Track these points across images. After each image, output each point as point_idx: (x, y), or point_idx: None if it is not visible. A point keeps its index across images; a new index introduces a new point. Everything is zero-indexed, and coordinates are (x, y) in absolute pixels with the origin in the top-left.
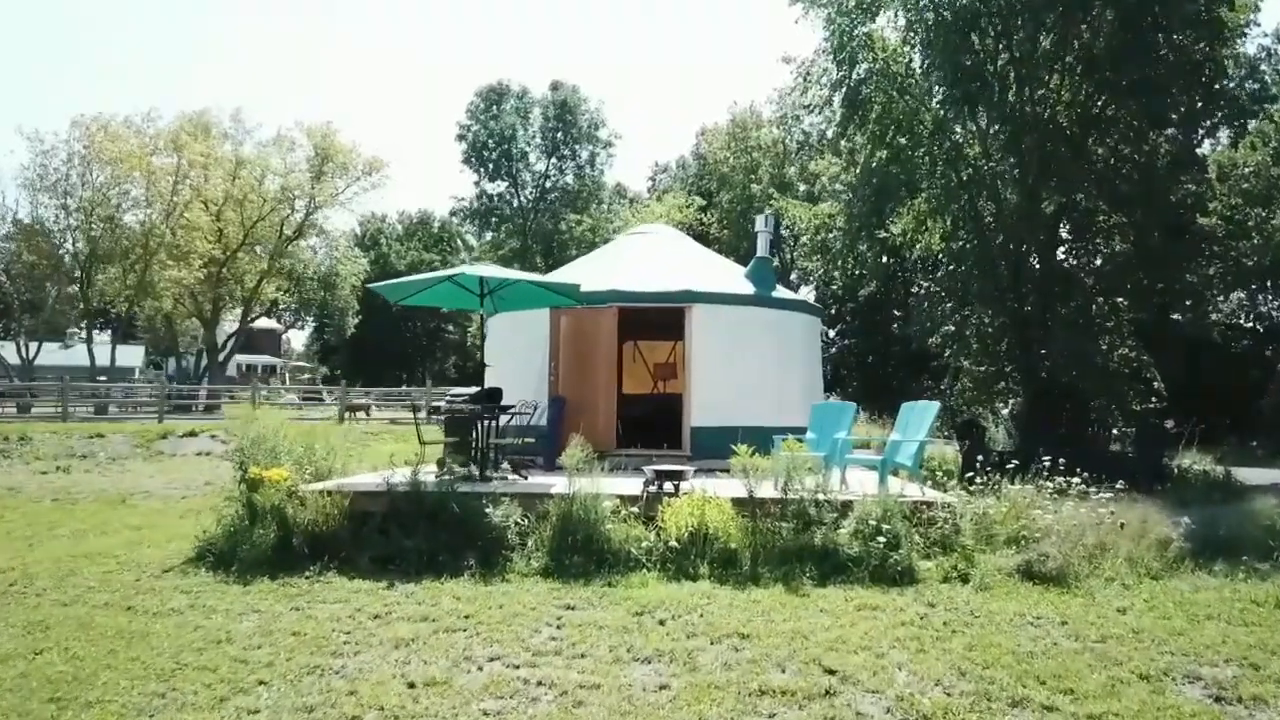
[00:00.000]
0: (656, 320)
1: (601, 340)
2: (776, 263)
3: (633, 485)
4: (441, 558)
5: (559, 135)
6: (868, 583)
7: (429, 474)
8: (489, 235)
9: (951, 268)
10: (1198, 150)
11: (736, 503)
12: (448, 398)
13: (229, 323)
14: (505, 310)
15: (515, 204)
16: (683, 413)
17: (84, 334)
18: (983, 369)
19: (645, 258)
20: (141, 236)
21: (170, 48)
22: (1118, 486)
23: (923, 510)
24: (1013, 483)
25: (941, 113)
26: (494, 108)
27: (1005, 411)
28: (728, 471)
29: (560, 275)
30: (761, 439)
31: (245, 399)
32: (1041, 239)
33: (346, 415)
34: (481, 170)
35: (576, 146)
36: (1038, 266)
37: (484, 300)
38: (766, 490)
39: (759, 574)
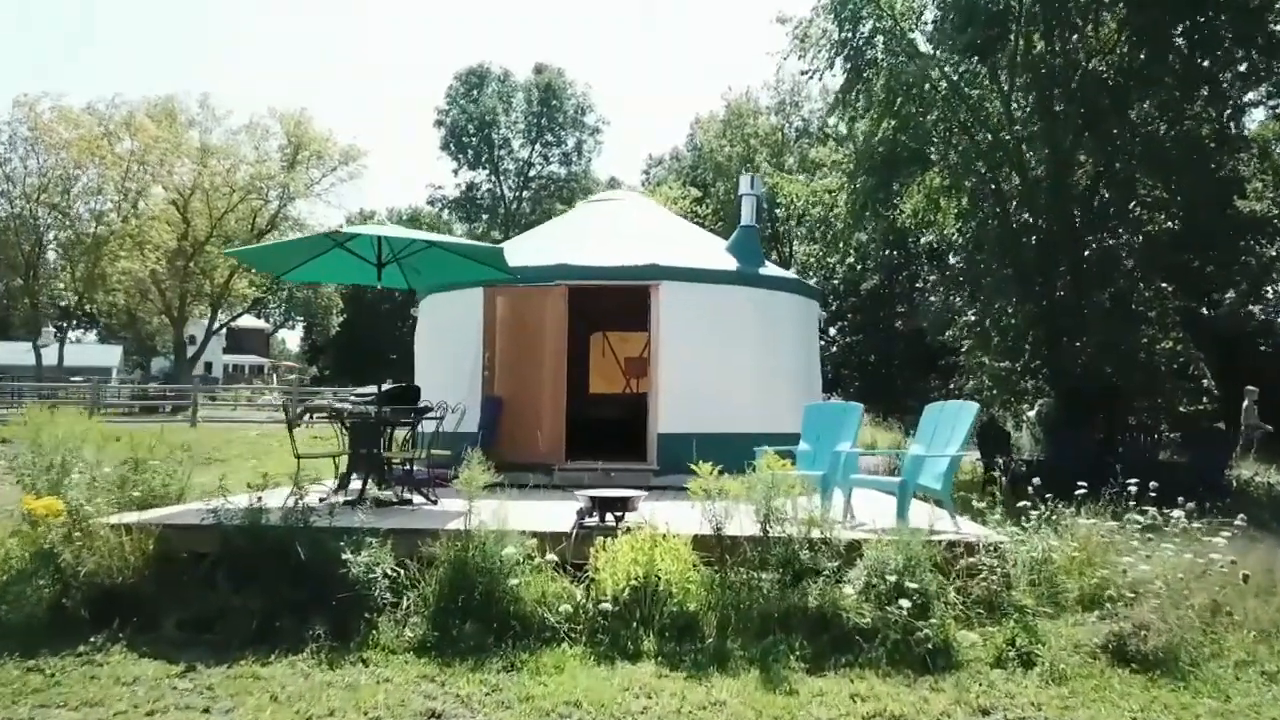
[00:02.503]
0: (625, 305)
1: (548, 327)
2: (774, 249)
3: (566, 516)
4: (281, 622)
5: (543, 121)
6: (884, 666)
7: (321, 495)
8: (468, 227)
9: (970, 250)
10: (1244, 120)
11: (700, 543)
12: (352, 398)
13: (206, 321)
14: (423, 286)
15: (497, 193)
16: (648, 416)
17: (56, 332)
18: (1005, 365)
19: (605, 228)
20: (90, 224)
21: (139, 34)
22: (1188, 507)
23: (960, 555)
24: (1071, 508)
25: (957, 71)
26: (474, 92)
27: (1031, 414)
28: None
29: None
30: (744, 449)
31: (220, 401)
32: (1076, 214)
33: (306, 419)
34: (460, 157)
35: (562, 133)
36: (1068, 246)
37: (381, 271)
38: (741, 524)
39: (727, 651)
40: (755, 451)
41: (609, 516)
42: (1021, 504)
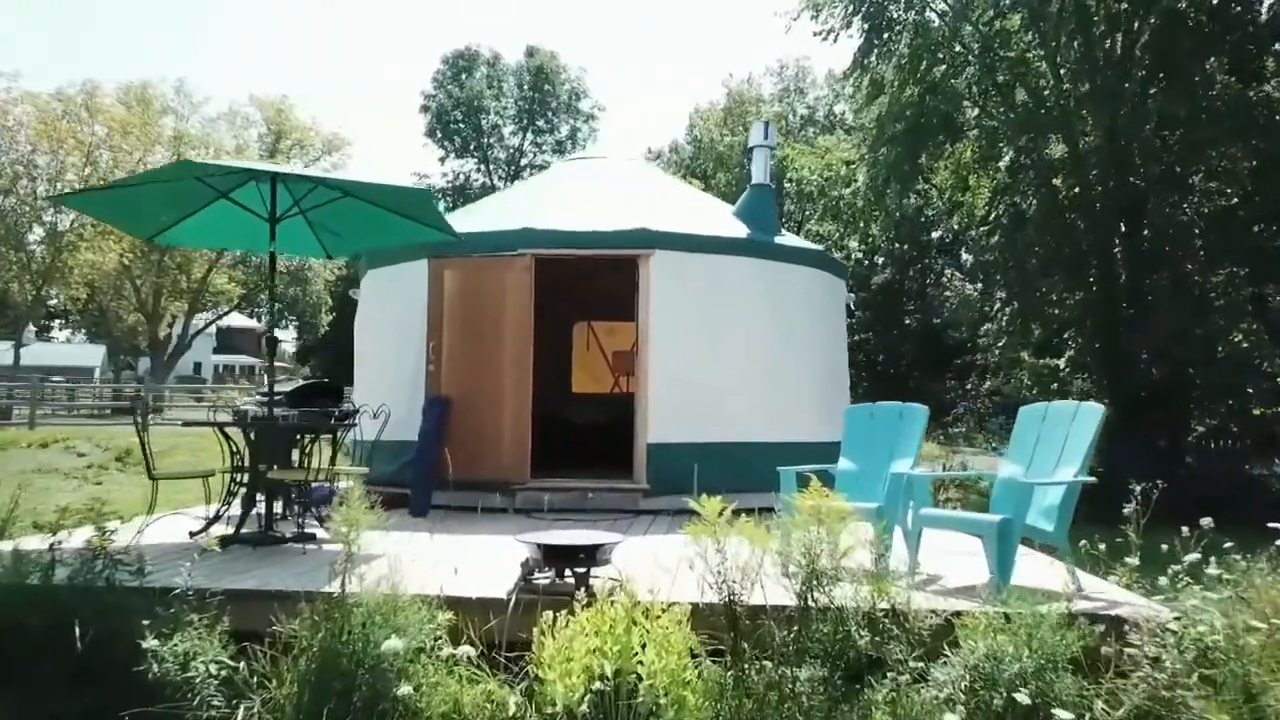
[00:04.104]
0: (613, 290)
1: (509, 308)
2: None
3: (510, 565)
4: None
5: (535, 107)
6: None
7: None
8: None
9: (1008, 229)
10: None
11: (703, 618)
12: (256, 396)
13: (198, 320)
14: (345, 253)
15: (486, 183)
16: (635, 422)
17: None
18: (1048, 362)
19: (585, 189)
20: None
21: (114, 21)
22: None
23: (1105, 636)
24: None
25: (992, 27)
26: (462, 76)
27: None
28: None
29: (466, 216)
30: (756, 462)
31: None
32: (1139, 183)
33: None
34: (447, 145)
35: (555, 119)
36: (1127, 223)
37: (275, 228)
38: (764, 588)
39: None
40: (781, 475)
41: (568, 573)
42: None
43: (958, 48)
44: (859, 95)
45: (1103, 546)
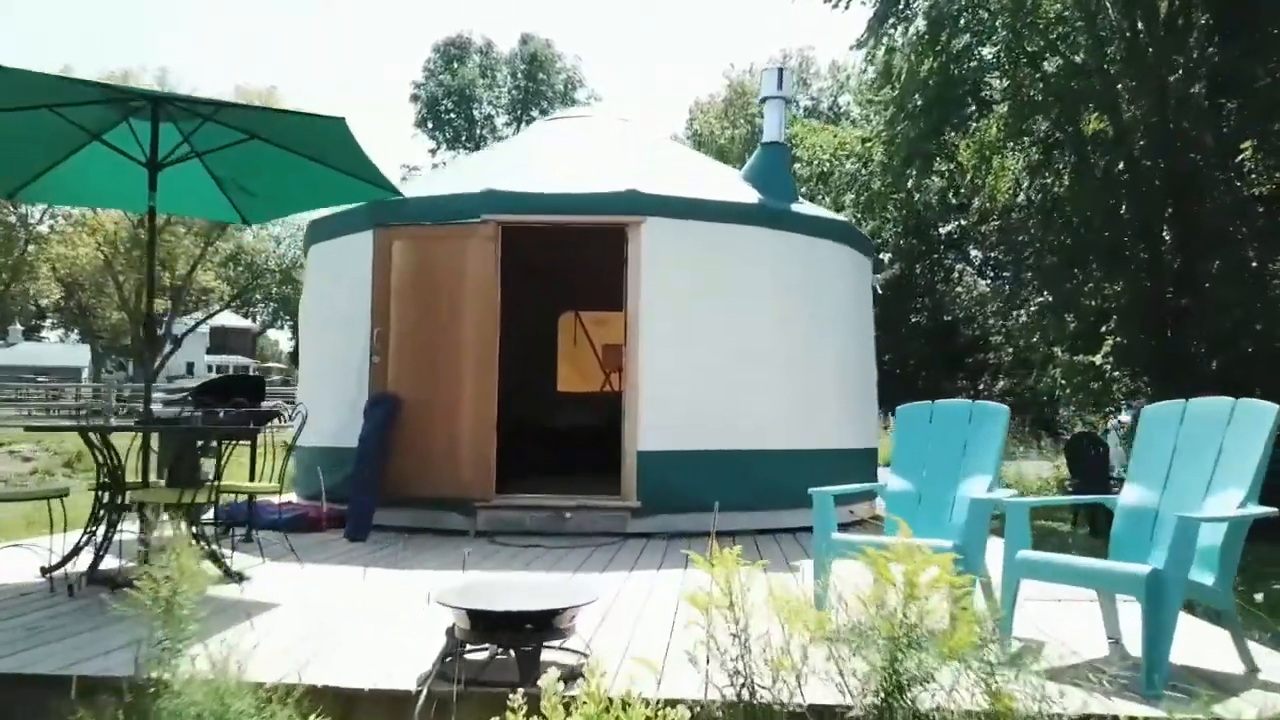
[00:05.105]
0: (603, 275)
1: (469, 287)
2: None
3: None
4: None
5: (529, 96)
6: None
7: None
8: None
9: (1046, 208)
10: None
11: None
12: (160, 394)
13: (189, 319)
14: (264, 219)
15: None
16: (623, 426)
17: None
18: (1084, 359)
19: (565, 149)
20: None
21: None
22: None
23: None
24: None
25: None
26: (454, 64)
27: (1123, 419)
28: (705, 551)
29: (424, 184)
30: (768, 474)
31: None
32: (1197, 159)
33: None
34: (438, 135)
35: (550, 109)
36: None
37: (156, 182)
38: (799, 676)
39: None
40: (815, 500)
41: (511, 653)
42: None
43: (983, 14)
44: (875, 63)
45: (1259, 598)
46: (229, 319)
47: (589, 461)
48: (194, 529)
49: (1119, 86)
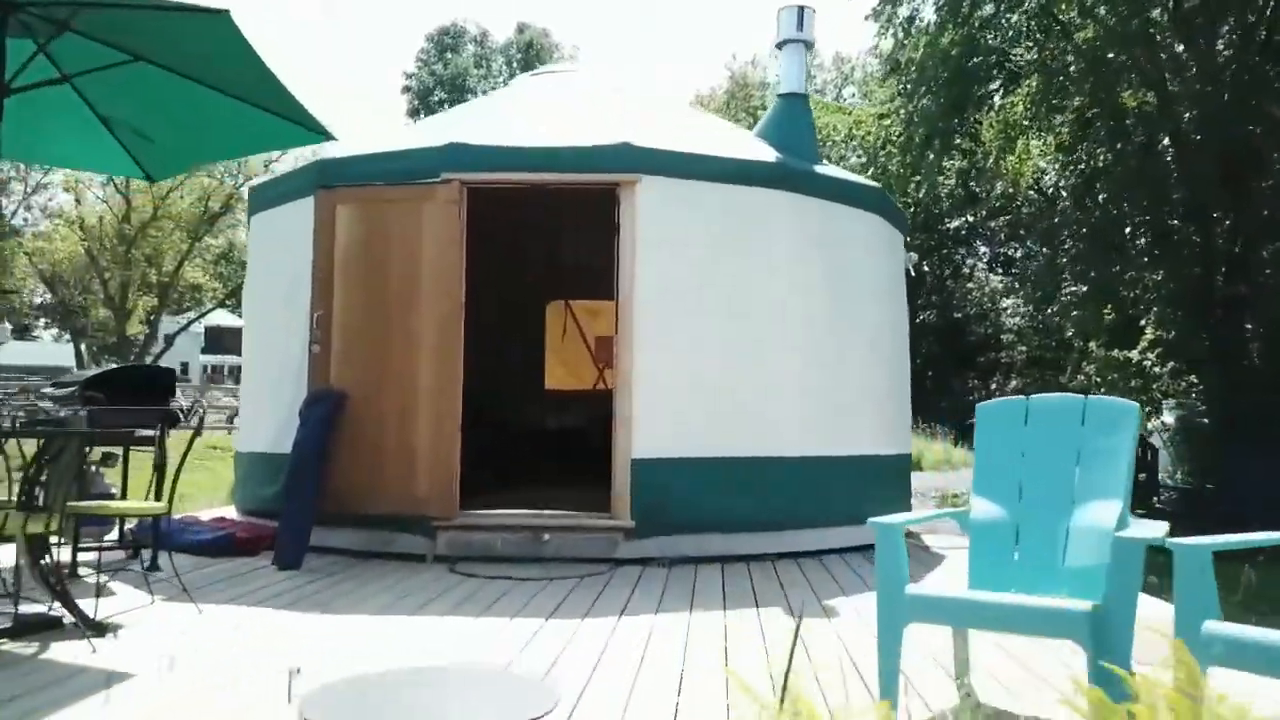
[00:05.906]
0: (595, 259)
1: (427, 260)
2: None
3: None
4: None
5: None
6: None
7: None
8: None
9: (1082, 189)
10: None
11: None
12: (46, 390)
13: (181, 319)
14: (169, 174)
15: None
16: (614, 428)
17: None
18: (1122, 353)
19: (547, 103)
20: None
21: None
22: None
23: None
24: None
25: None
26: (447, 53)
27: (1167, 420)
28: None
29: (383, 139)
30: (786, 483)
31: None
32: (1256, 130)
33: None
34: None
35: None
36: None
37: (2, 109)
38: None
39: None
40: (877, 533)
41: None
42: None
43: None
44: (891, 31)
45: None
46: (225, 318)
47: (579, 470)
48: (43, 562)
49: (1163, 56)
